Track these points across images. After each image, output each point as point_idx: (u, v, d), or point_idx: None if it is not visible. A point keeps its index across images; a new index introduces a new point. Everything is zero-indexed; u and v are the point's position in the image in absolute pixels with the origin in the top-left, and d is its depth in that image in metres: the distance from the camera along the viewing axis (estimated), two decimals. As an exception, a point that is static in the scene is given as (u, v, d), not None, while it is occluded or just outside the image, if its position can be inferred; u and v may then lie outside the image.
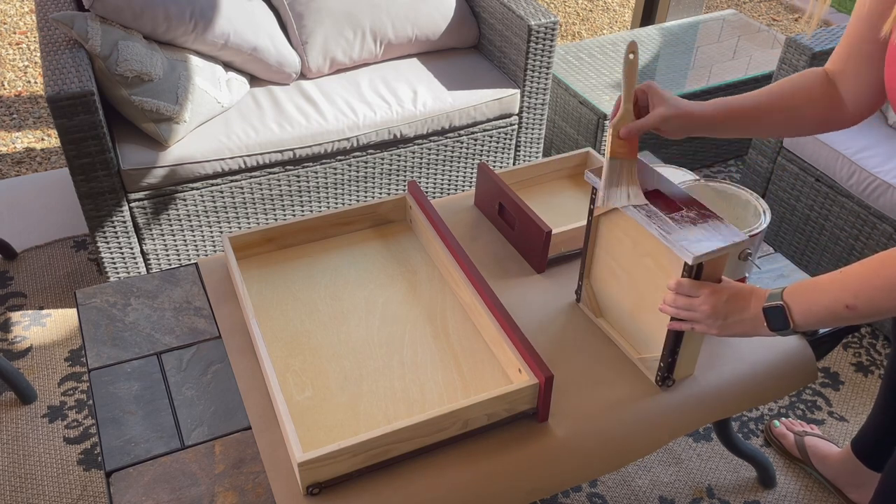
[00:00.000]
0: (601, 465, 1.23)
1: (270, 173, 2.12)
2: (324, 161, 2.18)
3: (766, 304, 1.07)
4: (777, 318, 1.06)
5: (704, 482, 1.80)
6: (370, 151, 2.22)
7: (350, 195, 2.29)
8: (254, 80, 2.26)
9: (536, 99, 2.36)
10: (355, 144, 2.18)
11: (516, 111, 2.37)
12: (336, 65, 2.30)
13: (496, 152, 2.43)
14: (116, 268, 2.08)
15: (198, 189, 2.06)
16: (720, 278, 1.15)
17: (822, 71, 1.20)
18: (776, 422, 1.89)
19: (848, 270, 1.01)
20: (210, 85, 2.07)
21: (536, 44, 2.24)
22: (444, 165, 2.37)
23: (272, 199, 2.18)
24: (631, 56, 1.19)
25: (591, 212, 1.31)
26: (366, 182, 2.29)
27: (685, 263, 1.12)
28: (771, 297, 1.07)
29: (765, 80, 2.73)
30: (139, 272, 2.12)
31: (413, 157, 2.30)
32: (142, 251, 2.10)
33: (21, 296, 2.24)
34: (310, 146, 2.12)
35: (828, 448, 1.78)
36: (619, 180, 1.20)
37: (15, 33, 3.53)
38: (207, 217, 2.12)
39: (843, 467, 1.72)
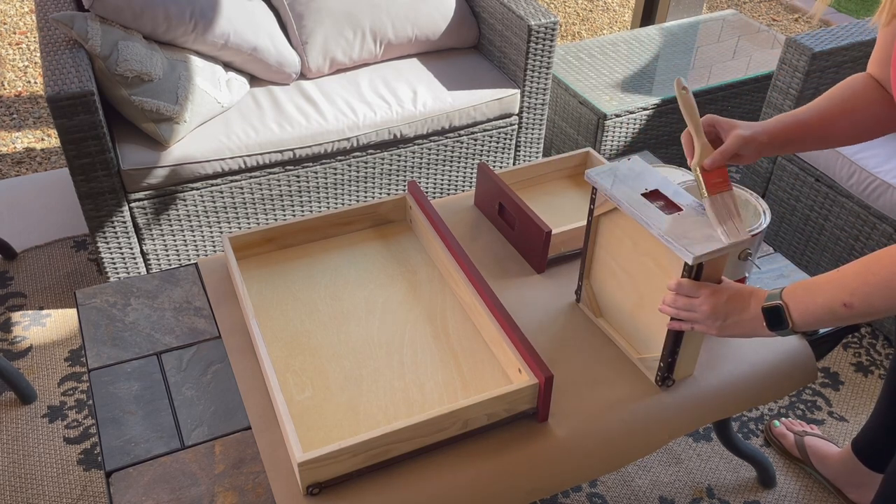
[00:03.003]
0: (601, 465, 1.23)
1: (270, 173, 2.13)
2: (324, 161, 2.18)
3: (765, 304, 1.07)
4: (776, 318, 1.06)
5: (704, 482, 1.80)
6: (370, 151, 2.22)
7: (350, 195, 2.29)
8: (254, 80, 2.26)
9: (536, 99, 2.36)
10: (355, 144, 2.18)
11: (516, 111, 2.37)
12: (336, 65, 2.30)
13: (496, 152, 2.43)
14: (116, 268, 2.08)
15: (198, 189, 2.06)
16: (720, 279, 1.15)
17: (867, 75, 1.21)
18: (776, 422, 1.89)
19: (844, 269, 1.01)
20: (210, 85, 2.07)
21: (536, 44, 2.24)
22: (444, 165, 2.37)
23: (272, 199, 2.18)
24: (683, 91, 1.15)
25: (591, 212, 1.31)
26: (366, 182, 2.29)
27: (685, 263, 1.12)
28: (770, 298, 1.07)
29: (765, 80, 2.73)
30: (139, 272, 2.12)
31: (413, 157, 2.30)
32: (142, 251, 2.10)
33: (21, 296, 2.24)
34: (310, 146, 2.12)
35: (828, 448, 1.78)
36: (730, 213, 1.13)
37: (15, 33, 3.53)
38: (207, 217, 2.12)
39: (843, 467, 1.72)
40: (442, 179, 2.41)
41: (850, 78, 1.21)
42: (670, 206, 1.19)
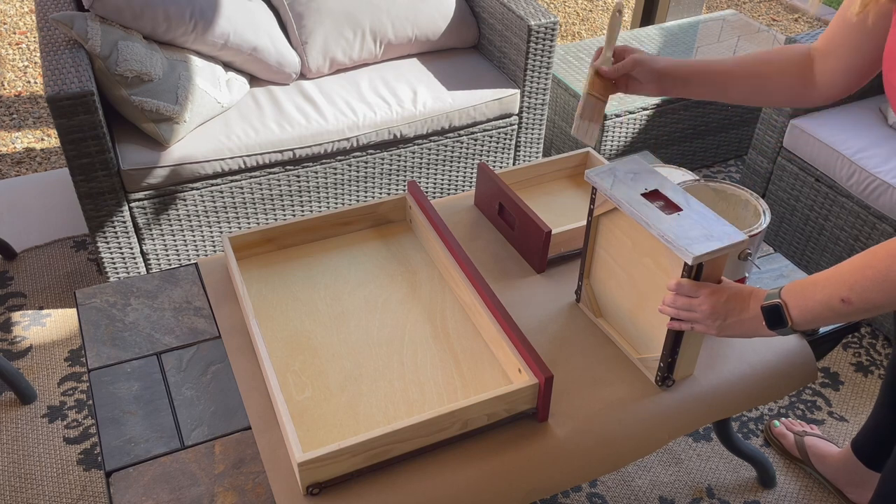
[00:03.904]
0: (601, 465, 1.23)
1: (270, 173, 2.13)
2: (324, 161, 2.18)
3: (765, 303, 1.07)
4: (775, 317, 1.06)
5: (704, 482, 1.81)
6: (370, 151, 2.22)
7: (350, 195, 2.29)
8: (254, 80, 2.26)
9: (536, 99, 2.36)
10: (355, 144, 2.18)
11: (516, 111, 2.37)
12: (336, 65, 2.30)
13: (496, 152, 2.43)
14: (116, 268, 2.08)
15: (198, 189, 2.06)
16: (720, 279, 1.15)
17: (805, 48, 1.24)
18: (776, 422, 1.89)
19: (842, 265, 1.01)
20: (210, 85, 2.07)
21: (536, 44, 2.24)
22: (444, 165, 2.37)
23: (272, 199, 2.18)
24: (618, 14, 1.28)
25: (591, 212, 1.31)
26: (366, 182, 2.29)
27: (685, 263, 1.12)
28: (769, 297, 1.07)
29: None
30: (139, 272, 2.12)
31: (413, 157, 2.30)
32: (142, 251, 2.10)
33: (21, 296, 2.24)
34: (310, 146, 2.12)
35: (827, 448, 1.78)
36: (591, 116, 1.31)
37: (15, 33, 3.53)
38: (207, 217, 2.12)
39: (843, 467, 1.72)
40: (442, 179, 2.41)
41: (789, 46, 1.26)
42: (670, 206, 1.19)
